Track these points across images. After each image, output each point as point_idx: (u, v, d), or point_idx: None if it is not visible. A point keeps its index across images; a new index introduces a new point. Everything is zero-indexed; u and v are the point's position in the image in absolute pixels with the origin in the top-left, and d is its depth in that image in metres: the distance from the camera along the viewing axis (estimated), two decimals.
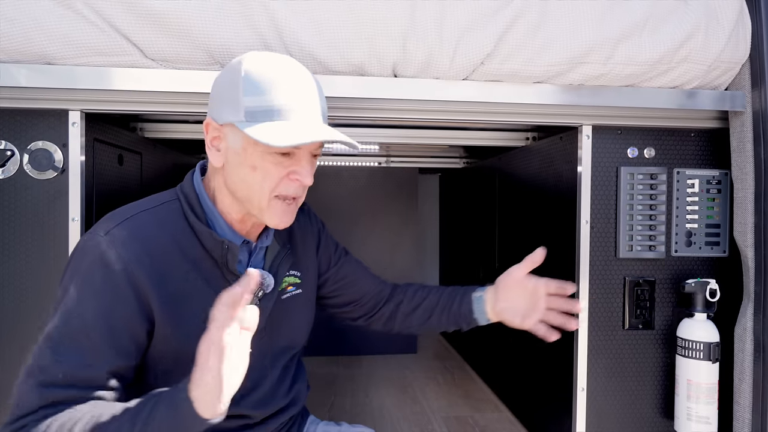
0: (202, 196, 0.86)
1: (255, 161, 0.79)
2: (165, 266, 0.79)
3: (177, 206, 0.84)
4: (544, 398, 1.57)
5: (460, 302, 1.09)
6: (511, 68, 1.17)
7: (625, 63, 1.19)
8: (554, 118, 1.30)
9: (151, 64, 1.12)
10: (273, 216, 0.83)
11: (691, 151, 1.37)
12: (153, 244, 0.79)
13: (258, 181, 0.80)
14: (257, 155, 0.79)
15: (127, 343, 0.76)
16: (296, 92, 0.80)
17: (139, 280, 0.76)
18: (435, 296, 1.12)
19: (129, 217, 0.80)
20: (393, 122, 1.50)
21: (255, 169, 0.80)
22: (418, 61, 1.15)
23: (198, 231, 0.82)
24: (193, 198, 0.85)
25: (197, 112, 1.20)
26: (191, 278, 0.81)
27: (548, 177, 1.53)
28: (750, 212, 1.26)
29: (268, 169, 0.80)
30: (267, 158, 0.79)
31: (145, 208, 0.83)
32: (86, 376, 0.72)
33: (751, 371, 1.26)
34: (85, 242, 0.78)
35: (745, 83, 1.28)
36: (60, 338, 0.72)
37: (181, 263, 0.81)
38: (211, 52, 1.10)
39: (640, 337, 1.36)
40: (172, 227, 0.82)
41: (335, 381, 2.13)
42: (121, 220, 0.79)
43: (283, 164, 0.81)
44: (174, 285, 0.79)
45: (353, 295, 1.10)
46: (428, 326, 1.11)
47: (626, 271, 1.35)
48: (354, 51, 1.13)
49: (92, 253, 0.75)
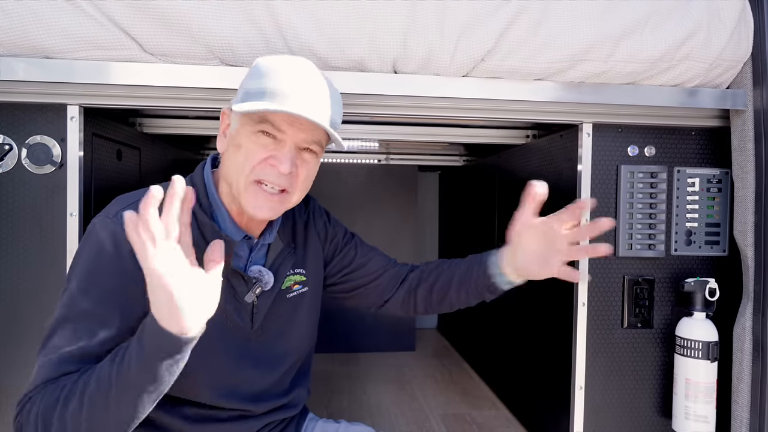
0: (209, 187, 0.86)
1: (241, 140, 0.80)
2: None
3: None
4: (542, 396, 1.57)
5: (477, 271, 1.01)
6: (511, 65, 1.17)
7: (626, 61, 1.18)
8: (555, 116, 1.30)
9: (150, 58, 1.11)
10: (249, 200, 0.81)
11: (691, 149, 1.37)
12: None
13: (240, 161, 0.80)
14: (244, 134, 0.80)
15: (136, 321, 0.75)
16: (297, 83, 0.80)
17: None
18: (450, 270, 1.05)
19: (138, 200, 0.79)
20: (393, 119, 1.49)
21: (239, 147, 0.81)
22: (418, 57, 1.14)
23: (201, 222, 0.83)
24: (201, 188, 0.85)
25: (196, 107, 1.19)
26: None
27: (548, 175, 1.53)
28: (750, 211, 1.26)
29: (251, 148, 0.80)
30: (251, 138, 0.80)
31: None
32: (98, 352, 0.73)
33: (749, 370, 1.26)
34: (94, 224, 0.79)
35: (746, 82, 1.27)
36: (74, 316, 0.74)
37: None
38: (210, 47, 1.10)
39: (639, 335, 1.36)
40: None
41: (333, 378, 2.13)
42: (130, 202, 0.80)
43: (267, 147, 0.80)
44: None
45: (362, 280, 1.06)
46: (449, 303, 1.05)
47: (626, 269, 1.35)
48: (354, 47, 1.12)
49: (102, 234, 0.77)
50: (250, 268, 0.89)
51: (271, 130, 0.79)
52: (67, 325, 0.73)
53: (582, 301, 1.33)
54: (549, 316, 1.51)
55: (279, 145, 0.81)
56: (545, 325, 1.54)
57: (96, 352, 0.72)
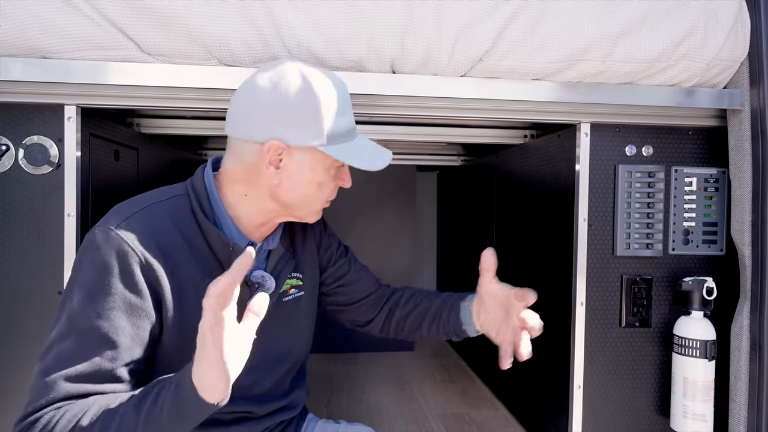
0: (212, 193, 0.85)
1: (322, 179, 0.85)
2: (174, 260, 0.79)
3: (186, 201, 0.84)
4: (541, 396, 1.57)
5: (449, 312, 1.03)
6: (509, 65, 1.17)
7: (624, 60, 1.19)
8: (552, 116, 1.30)
9: (147, 58, 1.11)
10: (317, 217, 0.91)
11: (689, 149, 1.37)
12: (164, 237, 0.79)
13: (315, 192, 0.86)
14: (320, 169, 0.84)
15: (144, 334, 0.76)
16: (349, 107, 0.87)
17: (152, 274, 0.76)
18: (427, 303, 1.06)
19: (142, 209, 0.79)
20: (391, 119, 1.49)
21: (321, 185, 0.86)
22: (416, 57, 1.14)
23: (206, 230, 0.82)
24: (203, 195, 0.84)
25: (194, 108, 1.19)
26: (195, 273, 0.81)
27: (546, 175, 1.53)
28: (747, 210, 1.26)
29: (327, 180, 0.86)
30: (329, 171, 0.86)
31: (156, 200, 0.83)
32: (108, 369, 0.72)
33: (747, 369, 1.26)
34: (95, 235, 0.76)
35: (743, 81, 1.27)
36: (77, 332, 0.72)
37: (188, 258, 0.81)
38: (208, 47, 1.10)
39: (637, 335, 1.36)
40: (181, 222, 0.81)
41: (332, 378, 2.13)
42: (135, 211, 0.79)
43: (337, 174, 0.88)
44: (181, 279, 0.80)
45: (351, 297, 1.08)
46: (420, 335, 1.07)
47: (623, 269, 1.35)
48: (352, 47, 1.12)
49: (105, 248, 0.74)
50: (253, 274, 0.89)
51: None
52: (70, 341, 0.72)
53: (580, 300, 1.34)
54: (547, 316, 1.51)
55: (343, 169, 0.89)
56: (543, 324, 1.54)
57: (106, 367, 0.72)
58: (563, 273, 1.41)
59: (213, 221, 0.84)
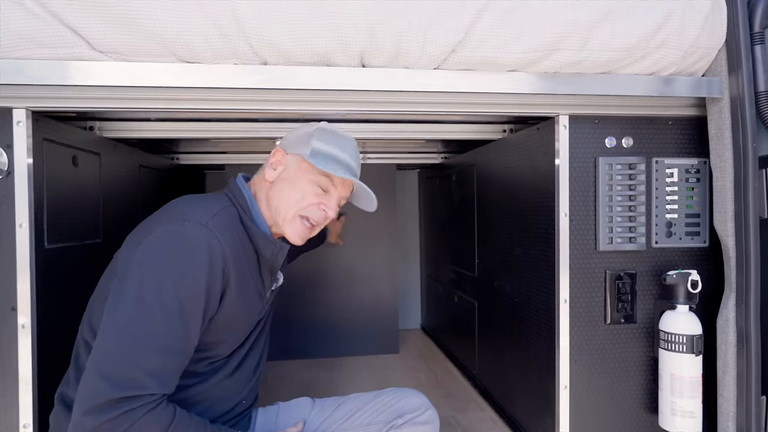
0: (252, 203, 1.02)
1: (299, 182, 1.01)
2: (238, 257, 0.94)
3: (234, 211, 0.98)
4: (527, 397, 1.53)
5: None
6: (483, 56, 1.12)
7: (601, 49, 1.15)
8: (530, 108, 1.26)
9: (100, 56, 1.04)
10: (290, 229, 1.02)
11: (669, 139, 1.34)
12: (234, 237, 0.94)
13: (294, 198, 1.00)
14: (304, 179, 1.01)
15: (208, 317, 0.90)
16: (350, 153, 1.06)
17: (228, 267, 0.90)
18: None
19: (216, 213, 0.93)
20: (362, 116, 1.44)
21: (295, 187, 1.01)
22: (386, 50, 1.09)
23: (254, 233, 0.98)
24: (246, 205, 1.00)
25: (156, 109, 1.13)
26: (246, 270, 0.97)
27: (526, 169, 1.49)
28: (730, 200, 1.24)
29: (308, 191, 1.01)
30: (311, 183, 1.01)
31: (222, 206, 0.96)
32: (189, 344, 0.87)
33: (734, 363, 1.23)
34: (185, 229, 0.87)
35: (721, 69, 1.25)
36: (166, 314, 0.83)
37: (243, 257, 0.96)
38: (165, 43, 1.03)
39: (623, 331, 1.33)
40: (236, 227, 0.96)
41: (314, 385, 2.07)
42: (212, 214, 0.91)
43: (319, 195, 1.02)
44: (240, 274, 0.94)
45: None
46: None
47: (607, 264, 1.32)
48: (318, 40, 1.07)
49: (196, 238, 0.87)
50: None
51: (327, 184, 1.02)
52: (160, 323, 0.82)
53: (564, 297, 1.30)
54: (531, 314, 1.47)
55: (327, 196, 1.03)
56: (528, 323, 1.50)
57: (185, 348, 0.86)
58: (546, 270, 1.37)
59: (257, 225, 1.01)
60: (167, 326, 0.83)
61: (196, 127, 1.54)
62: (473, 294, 2.06)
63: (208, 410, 0.98)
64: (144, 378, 0.80)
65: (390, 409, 1.15)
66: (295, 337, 2.46)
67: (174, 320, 0.84)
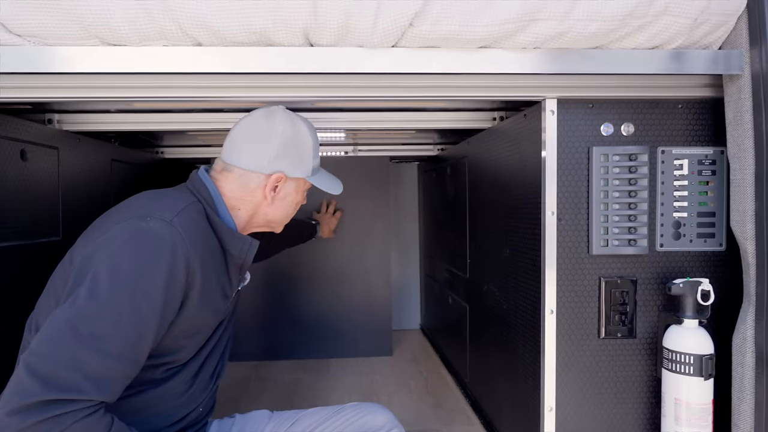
0: (217, 198, 1.00)
1: (300, 200, 1.11)
2: (204, 255, 0.90)
3: (200, 206, 0.95)
4: (515, 414, 1.37)
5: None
6: (446, 30, 0.97)
7: (588, 19, 0.97)
8: (510, 92, 1.10)
9: (17, 40, 0.95)
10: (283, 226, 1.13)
11: (678, 125, 1.15)
12: (200, 234, 0.91)
13: (291, 209, 1.11)
14: (300, 193, 1.10)
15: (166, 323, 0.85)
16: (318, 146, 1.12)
17: (193, 268, 0.86)
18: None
19: (182, 209, 0.89)
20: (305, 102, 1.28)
21: (297, 204, 1.12)
22: (333, 25, 0.96)
23: (222, 230, 0.96)
24: (211, 200, 0.98)
25: (78, 98, 1.03)
26: (212, 268, 0.93)
27: (515, 161, 1.33)
28: (750, 197, 1.04)
29: (299, 201, 1.11)
30: (302, 194, 1.11)
31: (186, 202, 0.92)
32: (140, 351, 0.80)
33: (752, 389, 1.05)
34: (148, 226, 0.83)
35: (742, 41, 1.05)
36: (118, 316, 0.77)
37: (209, 255, 0.92)
38: (84, 24, 0.93)
39: (619, 347, 1.16)
40: (202, 224, 0.93)
41: (297, 389, 1.97)
42: (178, 210, 0.88)
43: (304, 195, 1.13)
44: (205, 274, 0.90)
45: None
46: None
47: (601, 270, 1.15)
48: (255, 17, 0.94)
49: (160, 236, 0.82)
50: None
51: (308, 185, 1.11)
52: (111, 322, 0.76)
53: (550, 308, 1.14)
54: (518, 324, 1.31)
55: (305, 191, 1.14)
56: (515, 333, 1.34)
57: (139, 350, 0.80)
58: (532, 276, 1.21)
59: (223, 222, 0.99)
60: (117, 330, 0.76)
61: (160, 118, 1.45)
62: (465, 297, 1.91)
63: (160, 416, 0.91)
64: (81, 381, 0.72)
65: (351, 426, 1.07)
66: (280, 337, 2.37)
67: (126, 325, 0.77)
